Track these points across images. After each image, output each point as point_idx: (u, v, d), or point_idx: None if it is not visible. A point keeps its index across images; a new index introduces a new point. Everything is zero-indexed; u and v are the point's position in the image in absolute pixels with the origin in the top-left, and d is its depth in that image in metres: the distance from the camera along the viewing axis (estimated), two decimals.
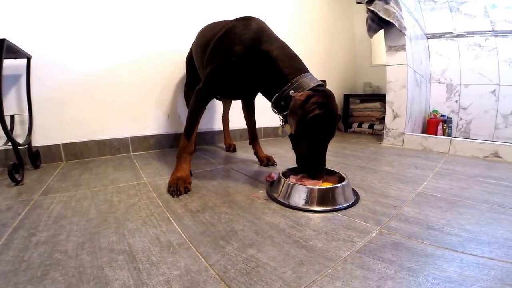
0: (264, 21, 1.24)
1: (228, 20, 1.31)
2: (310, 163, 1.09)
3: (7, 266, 0.62)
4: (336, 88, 3.67)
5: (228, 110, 2.09)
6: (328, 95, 1.02)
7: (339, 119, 1.10)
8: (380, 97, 3.32)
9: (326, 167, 1.24)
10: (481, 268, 0.62)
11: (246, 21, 1.19)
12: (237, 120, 2.17)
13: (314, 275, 0.60)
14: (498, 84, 2.78)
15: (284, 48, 1.12)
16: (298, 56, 1.13)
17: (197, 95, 1.24)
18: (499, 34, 2.73)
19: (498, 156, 1.89)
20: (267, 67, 1.09)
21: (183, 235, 0.77)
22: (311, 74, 1.08)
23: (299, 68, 1.08)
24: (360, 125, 3.44)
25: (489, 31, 2.77)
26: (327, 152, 1.10)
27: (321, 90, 1.02)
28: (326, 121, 1.01)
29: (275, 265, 0.63)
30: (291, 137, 1.10)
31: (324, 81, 1.14)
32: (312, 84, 1.02)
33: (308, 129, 1.00)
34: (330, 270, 0.62)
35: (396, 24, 2.19)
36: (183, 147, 1.24)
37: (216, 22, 1.52)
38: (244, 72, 1.14)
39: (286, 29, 2.86)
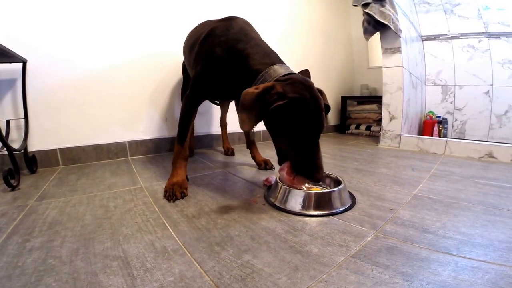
0: (248, 20, 1.25)
1: (214, 20, 1.32)
2: (302, 163, 0.94)
3: (1, 272, 0.62)
4: (334, 90, 3.69)
5: (226, 113, 2.09)
6: (297, 82, 0.90)
7: (322, 108, 0.93)
8: (377, 99, 3.34)
9: (324, 170, 1.25)
10: (476, 272, 0.63)
11: (227, 21, 1.19)
12: (235, 123, 2.17)
13: (308, 281, 0.60)
14: (492, 85, 2.81)
15: (257, 45, 1.08)
16: (273, 52, 1.09)
17: (186, 101, 1.25)
18: (492, 36, 2.75)
19: (493, 157, 1.90)
20: (241, 66, 1.06)
21: (178, 241, 0.77)
22: (283, 65, 1.02)
23: (268, 62, 1.02)
24: (357, 127, 3.45)
25: (483, 32, 2.80)
26: (324, 155, 1.07)
27: (287, 78, 0.92)
28: (297, 111, 0.88)
29: (270, 271, 0.63)
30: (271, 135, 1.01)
31: (306, 70, 1.11)
32: (280, 74, 0.95)
33: (280, 124, 0.91)
34: (324, 275, 0.62)
35: (392, 27, 2.20)
36: (177, 153, 1.24)
37: (204, 22, 1.52)
38: (225, 74, 1.12)
39: (282, 30, 2.87)
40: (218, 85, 1.18)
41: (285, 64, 1.04)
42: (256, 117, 0.88)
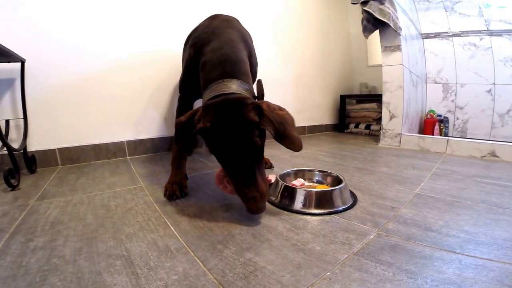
0: (232, 16, 1.26)
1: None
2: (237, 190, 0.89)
3: (6, 271, 0.62)
4: (333, 89, 3.69)
5: None
6: (212, 107, 0.86)
7: (236, 134, 0.83)
8: (376, 98, 3.34)
9: (324, 169, 1.24)
10: (480, 270, 0.63)
11: (208, 20, 1.21)
12: None
13: (312, 278, 0.60)
14: (494, 84, 2.80)
15: (218, 50, 1.02)
16: (230, 60, 1.00)
17: (178, 102, 1.29)
18: (493, 34, 2.75)
19: (495, 156, 1.89)
20: (199, 73, 1.05)
21: (180, 239, 0.77)
22: (225, 80, 0.94)
23: (214, 75, 0.97)
24: (357, 126, 3.45)
25: (484, 30, 2.79)
26: (324, 154, 1.06)
27: (208, 104, 0.87)
28: (207, 138, 0.88)
29: (273, 268, 0.63)
30: None
31: (259, 81, 1.03)
32: (214, 94, 0.91)
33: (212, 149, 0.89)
34: (328, 273, 0.61)
35: (391, 25, 2.20)
36: (176, 153, 1.23)
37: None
38: (197, 75, 1.07)
39: (279, 29, 2.86)
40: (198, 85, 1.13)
41: (234, 75, 0.96)
42: (190, 141, 0.92)
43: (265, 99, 0.93)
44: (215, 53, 1.02)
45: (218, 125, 0.83)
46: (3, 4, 1.42)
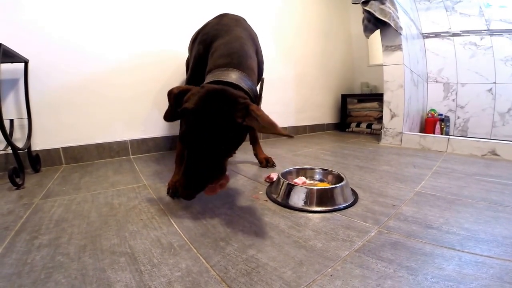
0: (240, 16, 1.27)
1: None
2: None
3: (11, 269, 0.63)
4: (334, 88, 3.69)
5: None
6: (203, 90, 0.84)
7: (207, 123, 0.79)
8: (377, 97, 3.34)
9: (325, 167, 1.25)
10: (480, 266, 0.63)
11: (216, 18, 1.22)
12: None
13: (314, 274, 0.60)
14: (495, 83, 2.80)
15: (227, 43, 1.05)
16: (238, 53, 1.02)
17: None
18: (494, 33, 2.75)
19: (496, 154, 1.90)
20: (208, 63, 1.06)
21: (183, 236, 0.78)
22: (229, 69, 0.95)
23: (220, 63, 0.98)
24: (358, 125, 3.46)
25: (484, 30, 2.79)
26: (325, 152, 1.07)
27: (202, 86, 0.88)
28: (183, 118, 0.86)
29: (275, 265, 0.64)
30: None
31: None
32: (212, 79, 0.93)
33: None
34: (329, 269, 0.62)
35: (392, 24, 2.20)
36: (180, 151, 1.23)
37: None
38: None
39: (280, 28, 2.86)
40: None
41: (239, 67, 0.98)
42: (174, 112, 0.92)
43: (266, 99, 0.93)
44: (224, 46, 1.05)
45: (198, 110, 0.80)
46: (7, 5, 1.43)
